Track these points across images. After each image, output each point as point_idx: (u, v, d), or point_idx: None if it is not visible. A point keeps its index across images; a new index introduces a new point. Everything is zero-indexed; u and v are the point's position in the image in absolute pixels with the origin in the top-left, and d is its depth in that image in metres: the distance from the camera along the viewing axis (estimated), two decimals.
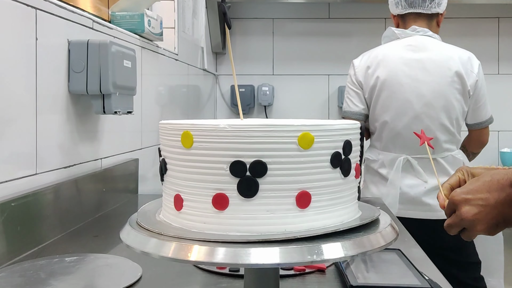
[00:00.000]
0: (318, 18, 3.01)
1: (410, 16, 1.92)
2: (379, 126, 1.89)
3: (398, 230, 0.60)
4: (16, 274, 0.84)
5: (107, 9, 1.54)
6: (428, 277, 0.80)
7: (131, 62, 1.29)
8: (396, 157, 1.86)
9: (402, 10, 1.91)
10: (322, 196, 0.56)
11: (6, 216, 0.89)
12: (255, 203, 0.53)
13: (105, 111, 1.19)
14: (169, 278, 0.85)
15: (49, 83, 1.09)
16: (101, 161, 1.36)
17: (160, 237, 0.54)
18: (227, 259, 0.50)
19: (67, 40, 1.16)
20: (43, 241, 1.02)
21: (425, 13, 1.90)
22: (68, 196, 1.13)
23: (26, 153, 1.02)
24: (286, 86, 3.06)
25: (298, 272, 0.86)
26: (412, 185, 1.84)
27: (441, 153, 1.86)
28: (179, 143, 0.56)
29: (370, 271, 0.87)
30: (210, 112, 3.00)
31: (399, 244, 0.96)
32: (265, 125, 0.53)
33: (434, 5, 1.89)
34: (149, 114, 1.73)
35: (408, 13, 1.91)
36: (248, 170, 0.53)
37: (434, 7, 1.89)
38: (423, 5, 1.88)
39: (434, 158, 1.85)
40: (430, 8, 1.89)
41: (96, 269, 0.89)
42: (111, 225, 1.22)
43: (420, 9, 1.89)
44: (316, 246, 0.51)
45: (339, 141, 0.57)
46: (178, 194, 0.57)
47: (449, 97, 1.83)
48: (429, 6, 1.88)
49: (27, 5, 1.00)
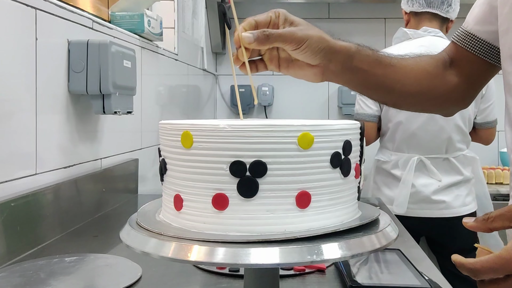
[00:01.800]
0: (318, 18, 3.01)
1: (425, 15, 1.93)
2: (393, 126, 1.91)
3: (398, 230, 0.60)
4: (16, 274, 0.84)
5: (107, 9, 1.54)
6: (428, 277, 0.80)
7: (131, 62, 1.29)
8: (409, 157, 1.88)
9: (419, 8, 1.92)
10: (322, 196, 0.56)
11: (6, 216, 0.89)
12: (255, 203, 0.53)
13: (105, 111, 1.19)
14: (169, 278, 0.85)
15: (49, 83, 1.09)
16: (101, 161, 1.36)
17: (160, 237, 0.54)
18: (227, 259, 0.50)
19: (67, 40, 1.16)
20: (43, 241, 1.02)
21: (441, 15, 1.92)
22: (68, 196, 1.13)
23: (26, 153, 1.02)
24: (286, 86, 3.06)
25: (298, 272, 0.86)
26: (426, 184, 1.86)
27: (454, 153, 1.89)
28: (179, 143, 0.56)
29: (370, 271, 0.87)
30: (210, 112, 3.00)
31: (399, 244, 0.96)
32: (265, 125, 0.53)
33: (450, 10, 1.92)
34: (149, 114, 1.73)
35: (425, 12, 1.93)
36: (248, 170, 0.53)
37: (449, 12, 1.92)
38: (441, 7, 1.91)
39: (446, 157, 1.87)
40: (447, 11, 1.92)
41: (96, 269, 0.89)
42: (111, 225, 1.22)
43: (437, 10, 1.91)
44: (316, 246, 0.51)
45: (339, 141, 0.57)
46: (178, 194, 0.57)
47: None
48: (446, 9, 1.92)
49: (27, 5, 1.00)
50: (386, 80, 0.88)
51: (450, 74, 0.94)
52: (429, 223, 1.86)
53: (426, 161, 1.86)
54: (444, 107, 1.00)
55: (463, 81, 0.94)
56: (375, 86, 0.89)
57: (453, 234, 1.82)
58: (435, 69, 0.93)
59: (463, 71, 0.94)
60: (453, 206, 1.86)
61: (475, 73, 0.94)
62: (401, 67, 0.90)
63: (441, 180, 1.85)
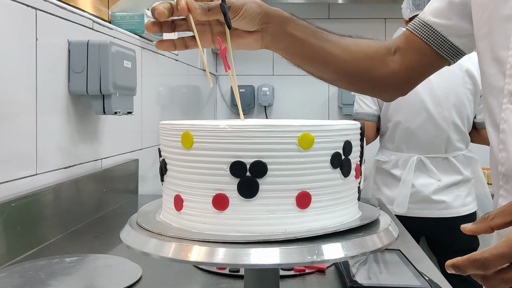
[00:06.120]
0: (318, 19, 3.01)
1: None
2: (392, 126, 1.92)
3: (398, 230, 0.60)
4: (16, 274, 0.84)
5: (107, 10, 1.54)
6: (428, 277, 0.80)
7: (131, 63, 1.29)
8: (409, 157, 1.88)
9: (410, 13, 1.92)
10: (322, 197, 0.56)
11: (6, 217, 0.89)
12: (255, 203, 0.53)
13: (105, 112, 1.19)
14: (169, 278, 0.85)
15: (49, 84, 1.09)
16: (101, 161, 1.36)
17: (160, 238, 0.54)
18: (227, 260, 0.50)
19: (67, 41, 1.16)
20: (43, 241, 1.02)
21: None
22: (68, 197, 1.13)
23: (26, 153, 1.02)
24: (286, 86, 3.06)
25: (298, 272, 0.86)
26: (425, 184, 1.87)
27: (453, 152, 1.90)
28: (179, 143, 0.56)
29: (370, 271, 0.87)
30: (210, 112, 3.00)
31: (399, 244, 0.96)
32: (265, 125, 0.53)
33: None
34: (149, 114, 1.73)
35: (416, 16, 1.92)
36: (248, 171, 0.53)
37: None
38: None
39: (446, 157, 1.88)
40: None
41: (96, 270, 0.89)
42: (111, 225, 1.22)
43: None
44: (316, 247, 0.51)
45: (339, 142, 0.57)
46: (178, 195, 0.57)
47: (461, 97, 1.86)
48: None
49: (27, 5, 1.00)
50: (323, 53, 0.90)
51: (391, 61, 0.96)
52: (429, 223, 1.87)
53: (425, 160, 1.87)
54: (381, 91, 1.03)
55: (404, 69, 0.96)
56: (311, 58, 0.91)
57: (453, 234, 1.82)
58: (374, 52, 0.96)
59: (406, 60, 0.96)
60: (453, 206, 1.86)
61: (421, 64, 0.97)
62: (338, 43, 0.91)
63: (440, 180, 1.86)
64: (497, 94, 0.80)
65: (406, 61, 0.96)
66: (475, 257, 0.54)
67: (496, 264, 0.54)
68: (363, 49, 0.95)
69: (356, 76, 0.96)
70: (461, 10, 0.91)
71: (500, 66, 0.79)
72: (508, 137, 0.77)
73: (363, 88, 1.06)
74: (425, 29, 0.94)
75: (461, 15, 0.91)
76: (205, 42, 0.81)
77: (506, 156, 0.78)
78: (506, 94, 0.77)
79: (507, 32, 0.77)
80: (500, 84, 0.78)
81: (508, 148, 0.77)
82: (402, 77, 0.97)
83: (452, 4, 0.92)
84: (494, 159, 0.82)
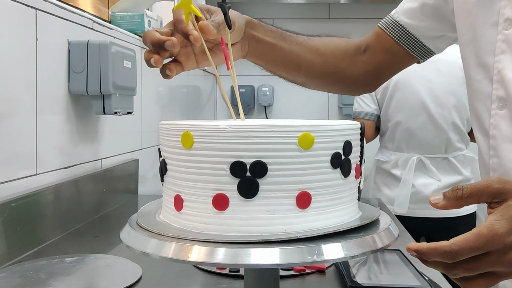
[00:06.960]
0: (318, 19, 3.01)
1: None
2: (392, 126, 1.92)
3: (398, 230, 0.60)
4: (16, 274, 0.84)
5: (107, 10, 1.54)
6: (428, 277, 0.80)
7: (131, 63, 1.29)
8: (409, 157, 1.89)
9: None
10: (322, 197, 0.56)
11: (6, 217, 0.89)
12: (255, 203, 0.53)
13: (105, 112, 1.19)
14: (169, 278, 0.85)
15: (49, 84, 1.09)
16: (101, 161, 1.36)
17: (160, 238, 0.54)
18: (227, 260, 0.50)
19: (67, 41, 1.16)
20: (43, 241, 1.02)
21: None
22: (68, 197, 1.13)
23: (26, 153, 1.02)
24: (286, 86, 3.02)
25: (298, 272, 0.86)
26: (425, 184, 1.87)
27: (453, 152, 1.91)
28: (179, 143, 0.56)
29: (370, 271, 0.87)
30: (210, 112, 3.00)
31: (399, 244, 0.96)
32: (265, 125, 0.53)
33: None
34: (149, 114, 1.73)
35: None
36: (249, 171, 0.53)
37: None
38: None
39: (446, 157, 1.88)
40: None
41: (96, 270, 0.89)
42: (111, 225, 1.23)
43: None
44: (316, 247, 0.51)
45: (339, 142, 0.57)
46: (178, 195, 0.57)
47: (461, 97, 1.87)
48: None
49: (27, 5, 1.00)
50: (293, 56, 0.90)
51: (360, 60, 0.97)
52: (429, 223, 1.87)
53: (425, 160, 1.87)
54: (352, 90, 1.06)
55: (373, 68, 0.97)
56: (282, 62, 0.91)
57: (453, 234, 1.82)
58: (343, 53, 0.96)
59: (376, 58, 0.97)
60: None
61: (391, 62, 0.98)
62: (307, 46, 0.92)
63: (440, 180, 1.86)
64: (484, 99, 0.79)
65: (376, 59, 0.97)
66: (444, 249, 0.54)
67: (464, 256, 0.54)
68: (332, 50, 0.95)
69: (327, 78, 0.97)
70: (434, 12, 0.92)
71: (486, 72, 0.78)
72: (499, 143, 0.77)
73: (335, 89, 1.07)
74: (397, 29, 0.95)
75: (433, 17, 0.92)
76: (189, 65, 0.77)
77: (498, 162, 0.77)
78: (495, 99, 0.77)
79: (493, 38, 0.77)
80: (487, 90, 0.78)
81: (499, 154, 0.77)
82: (371, 76, 0.98)
83: (425, 6, 0.92)
84: (484, 165, 0.82)
